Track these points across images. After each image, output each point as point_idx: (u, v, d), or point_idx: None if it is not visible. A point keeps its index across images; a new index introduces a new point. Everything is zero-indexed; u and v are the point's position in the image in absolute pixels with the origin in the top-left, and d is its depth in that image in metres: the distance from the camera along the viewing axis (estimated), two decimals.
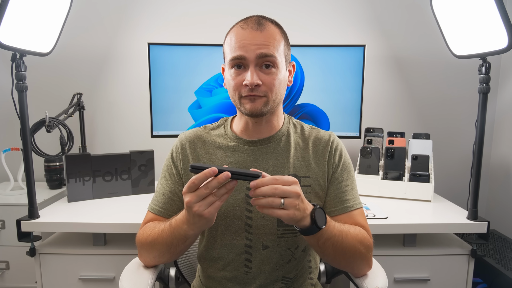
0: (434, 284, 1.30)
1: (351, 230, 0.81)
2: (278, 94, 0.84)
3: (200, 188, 0.67)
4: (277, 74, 0.82)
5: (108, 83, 1.85)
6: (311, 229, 0.73)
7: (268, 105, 0.83)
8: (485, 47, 1.21)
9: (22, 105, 1.18)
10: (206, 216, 0.69)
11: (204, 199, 0.68)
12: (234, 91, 0.83)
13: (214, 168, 0.65)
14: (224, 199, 0.69)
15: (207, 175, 0.65)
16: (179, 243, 0.80)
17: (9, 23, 1.10)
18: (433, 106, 1.90)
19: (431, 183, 1.48)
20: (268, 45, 0.80)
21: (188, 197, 0.68)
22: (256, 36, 0.79)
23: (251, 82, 0.79)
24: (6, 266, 1.55)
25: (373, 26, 1.84)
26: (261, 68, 0.81)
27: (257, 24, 0.81)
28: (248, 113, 0.83)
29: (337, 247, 0.78)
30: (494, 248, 1.66)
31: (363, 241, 0.82)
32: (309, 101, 1.65)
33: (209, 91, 1.63)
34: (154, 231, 0.84)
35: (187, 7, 1.80)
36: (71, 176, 1.43)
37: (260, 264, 0.87)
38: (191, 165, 0.68)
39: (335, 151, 0.91)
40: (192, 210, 0.68)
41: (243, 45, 0.79)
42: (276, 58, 0.81)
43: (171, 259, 0.88)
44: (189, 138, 0.93)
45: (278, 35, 0.83)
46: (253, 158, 0.89)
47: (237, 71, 0.82)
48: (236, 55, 0.80)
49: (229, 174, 0.65)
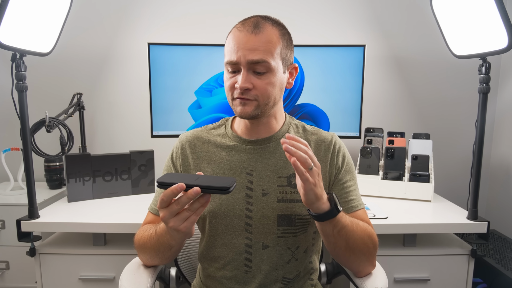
0: (434, 284, 1.30)
1: (360, 223, 0.83)
2: (271, 98, 0.83)
3: (172, 204, 0.65)
4: (270, 78, 0.81)
5: (108, 83, 1.85)
6: (330, 212, 0.74)
7: (259, 109, 0.83)
8: (485, 47, 1.21)
9: (22, 105, 1.18)
10: (183, 231, 0.68)
11: (178, 215, 0.66)
12: (227, 92, 0.85)
13: (181, 184, 0.62)
14: (200, 212, 0.68)
15: (174, 191, 0.63)
16: (165, 250, 0.81)
17: (9, 23, 1.10)
18: (433, 106, 1.90)
19: (431, 183, 1.48)
20: (261, 50, 0.78)
21: (161, 213, 0.67)
22: (250, 40, 0.79)
23: (240, 86, 0.80)
24: (6, 266, 1.54)
25: (373, 26, 1.84)
26: (254, 72, 0.81)
27: (254, 26, 0.80)
28: (238, 115, 0.85)
29: (350, 238, 0.79)
30: (494, 248, 1.66)
31: (371, 236, 0.84)
32: (309, 101, 1.65)
33: (209, 91, 1.63)
34: (145, 235, 0.85)
35: (187, 7, 1.80)
36: (71, 176, 1.43)
37: (260, 263, 0.88)
38: (157, 181, 0.66)
39: (338, 153, 0.91)
40: (168, 225, 0.68)
41: (236, 50, 0.80)
42: (269, 63, 0.79)
43: (162, 262, 0.89)
44: (189, 139, 0.94)
45: (276, 37, 0.81)
46: (253, 158, 0.89)
47: (231, 74, 0.83)
48: (229, 60, 0.82)
49: (198, 189, 0.62)
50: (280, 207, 0.86)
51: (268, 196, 0.86)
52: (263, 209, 0.86)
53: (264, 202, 0.86)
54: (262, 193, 0.87)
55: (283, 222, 0.86)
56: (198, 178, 0.66)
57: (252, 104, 0.82)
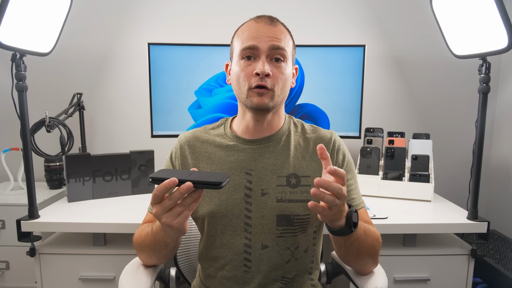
0: (434, 284, 1.30)
1: (371, 228, 0.84)
2: (283, 90, 0.85)
3: (165, 200, 0.65)
4: (285, 69, 0.84)
5: (108, 83, 1.85)
6: (344, 230, 0.73)
7: (274, 100, 0.83)
8: (485, 47, 1.21)
9: (22, 105, 1.18)
10: (176, 227, 0.67)
11: (170, 210, 0.66)
12: (244, 81, 0.83)
13: (174, 178, 0.62)
14: (193, 208, 0.67)
15: (167, 186, 0.63)
16: (161, 248, 0.81)
17: (9, 23, 1.10)
18: (433, 106, 1.90)
19: (431, 183, 1.48)
20: (281, 39, 0.83)
21: (154, 209, 0.67)
22: (270, 30, 0.82)
23: (262, 70, 0.80)
24: (6, 266, 1.55)
25: (373, 26, 1.84)
26: (271, 61, 0.83)
27: (270, 20, 0.84)
28: (254, 106, 0.83)
29: (361, 246, 0.80)
30: (494, 248, 1.66)
31: (378, 239, 0.85)
32: (309, 101, 1.65)
33: (209, 91, 1.63)
34: (142, 234, 0.85)
35: (187, 7, 1.80)
36: (71, 176, 1.43)
37: (259, 263, 0.87)
38: (150, 176, 0.65)
39: (337, 151, 0.91)
40: (161, 221, 0.67)
41: (256, 36, 0.82)
42: (287, 52, 0.84)
43: (160, 261, 0.89)
44: (189, 138, 0.94)
45: (288, 34, 0.87)
46: (252, 157, 0.89)
47: (248, 61, 0.83)
48: (249, 45, 0.82)
49: (191, 184, 0.62)
50: (279, 207, 0.86)
51: (267, 196, 0.86)
52: (262, 209, 0.86)
53: (263, 202, 0.86)
54: (261, 193, 0.86)
55: (282, 222, 0.86)
56: (191, 174, 0.66)
57: (268, 94, 0.82)
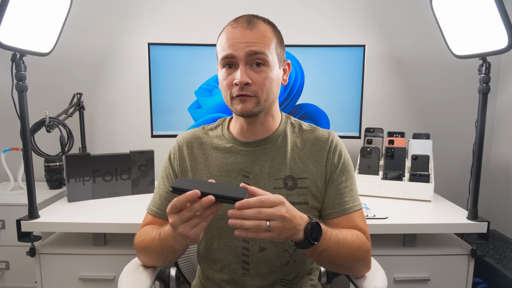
0: (434, 284, 1.30)
1: (348, 237, 0.79)
2: (270, 93, 0.82)
3: (184, 210, 0.65)
4: (268, 73, 0.80)
5: (108, 83, 1.85)
6: (304, 243, 0.71)
7: (259, 105, 0.81)
8: (485, 47, 1.21)
9: (22, 105, 1.18)
10: (192, 237, 0.67)
11: (188, 221, 0.66)
12: (226, 91, 0.82)
13: (196, 191, 0.63)
14: (210, 219, 0.67)
15: (189, 198, 0.63)
16: (168, 253, 0.80)
17: (9, 23, 1.10)
18: (433, 106, 1.90)
19: (431, 183, 1.48)
20: (258, 43, 0.78)
21: (171, 218, 0.67)
22: (246, 35, 0.78)
23: (240, 80, 0.77)
24: (6, 266, 1.55)
25: (373, 26, 1.84)
26: (251, 66, 0.79)
27: (247, 23, 0.80)
28: (239, 113, 0.82)
29: (333, 257, 0.77)
30: (494, 248, 1.66)
31: (360, 247, 0.80)
32: (309, 101, 1.65)
33: (209, 91, 1.63)
34: (147, 237, 0.84)
35: (187, 7, 1.80)
36: (71, 176, 1.43)
37: (258, 266, 0.87)
38: (171, 186, 0.65)
39: (334, 151, 0.88)
40: (177, 231, 0.67)
41: (232, 44, 0.78)
42: (267, 55, 0.79)
43: (165, 264, 0.88)
44: (187, 139, 0.93)
45: (270, 33, 0.81)
46: (249, 160, 0.87)
47: (228, 70, 0.81)
48: (226, 54, 0.79)
49: (213, 198, 0.63)
50: None
51: None
52: None
53: None
54: None
55: None
56: (211, 186, 0.66)
57: (252, 100, 0.80)
